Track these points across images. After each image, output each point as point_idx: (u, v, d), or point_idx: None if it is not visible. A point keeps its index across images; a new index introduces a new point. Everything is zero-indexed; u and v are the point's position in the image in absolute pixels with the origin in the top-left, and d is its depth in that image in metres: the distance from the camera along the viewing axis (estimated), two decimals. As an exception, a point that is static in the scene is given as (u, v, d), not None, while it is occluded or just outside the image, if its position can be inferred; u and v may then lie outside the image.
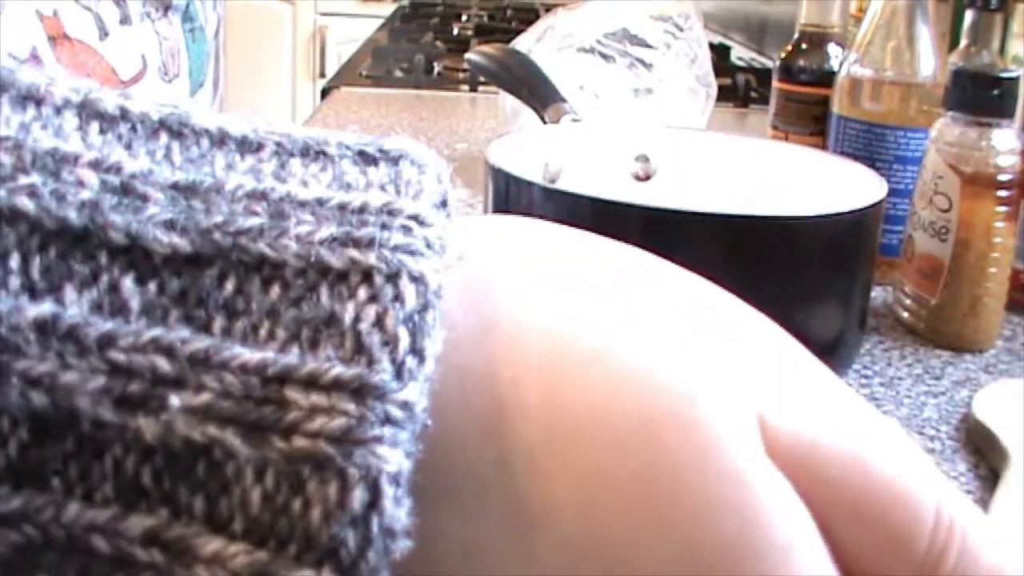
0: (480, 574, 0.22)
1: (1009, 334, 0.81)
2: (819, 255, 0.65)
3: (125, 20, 0.65)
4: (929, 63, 0.88)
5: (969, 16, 0.87)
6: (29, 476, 0.20)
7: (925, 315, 0.79)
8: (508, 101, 1.17)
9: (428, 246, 0.22)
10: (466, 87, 1.73)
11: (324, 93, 1.71)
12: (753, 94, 1.73)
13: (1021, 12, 0.93)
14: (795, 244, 0.64)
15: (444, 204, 0.24)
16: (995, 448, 0.62)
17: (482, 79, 1.59)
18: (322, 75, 4.61)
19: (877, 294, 0.86)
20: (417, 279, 0.21)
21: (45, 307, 0.20)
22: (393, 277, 0.21)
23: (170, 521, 0.20)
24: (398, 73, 1.84)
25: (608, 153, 0.81)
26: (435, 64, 1.87)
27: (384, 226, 0.22)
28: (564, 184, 0.75)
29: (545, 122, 0.91)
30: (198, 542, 0.20)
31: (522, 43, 1.20)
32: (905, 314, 0.81)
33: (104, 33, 0.62)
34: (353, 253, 0.21)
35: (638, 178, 0.81)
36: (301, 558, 0.20)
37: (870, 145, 0.89)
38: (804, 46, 1.03)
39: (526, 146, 0.76)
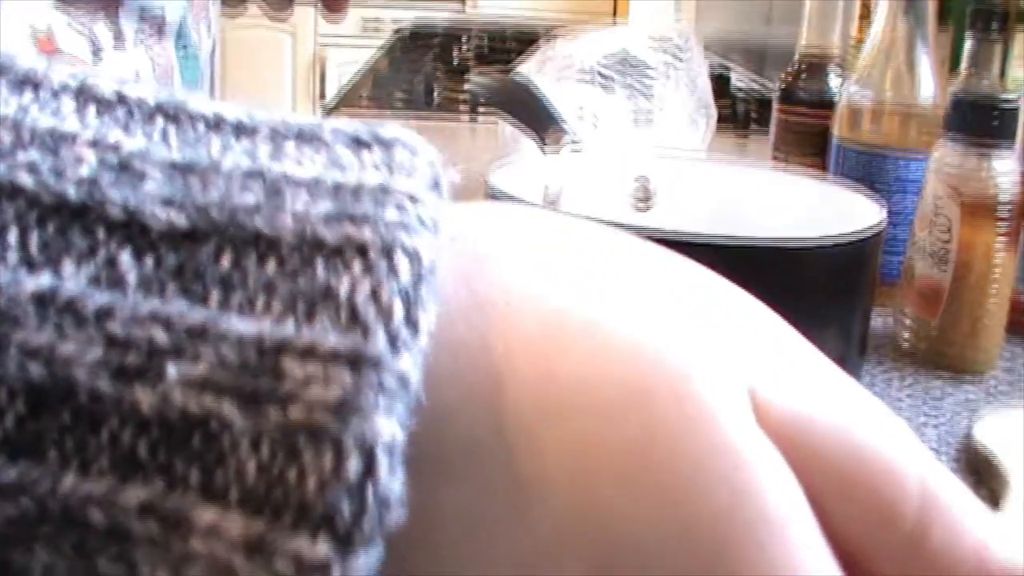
0: (479, 549, 0.22)
1: (1009, 357, 0.81)
2: (819, 280, 0.64)
3: (119, 44, 0.65)
4: (929, 89, 0.88)
5: (969, 42, 0.88)
6: (26, 448, 0.20)
7: (925, 339, 0.79)
8: (508, 128, 1.17)
9: (421, 223, 0.22)
10: (466, 116, 1.74)
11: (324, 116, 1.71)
12: (753, 120, 1.73)
13: (1021, 38, 0.93)
14: (795, 269, 0.64)
15: (437, 187, 0.24)
16: (995, 473, 0.62)
17: (482, 107, 1.59)
18: (322, 98, 4.62)
19: (877, 319, 0.86)
20: (411, 254, 0.21)
21: (43, 280, 0.20)
22: (387, 251, 0.21)
23: (166, 492, 0.20)
24: (398, 97, 1.84)
25: (608, 179, 0.81)
26: (435, 89, 1.88)
27: (378, 203, 0.22)
28: (564, 210, 0.75)
29: (545, 149, 0.91)
30: (194, 513, 0.20)
31: (522, 72, 1.20)
32: (905, 338, 0.81)
33: (98, 58, 0.62)
34: (348, 229, 0.21)
35: (638, 204, 0.81)
36: (297, 527, 0.20)
37: (870, 170, 0.89)
38: (804, 72, 1.04)
39: (526, 172, 0.76)
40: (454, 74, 2.05)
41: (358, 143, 0.24)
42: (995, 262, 0.76)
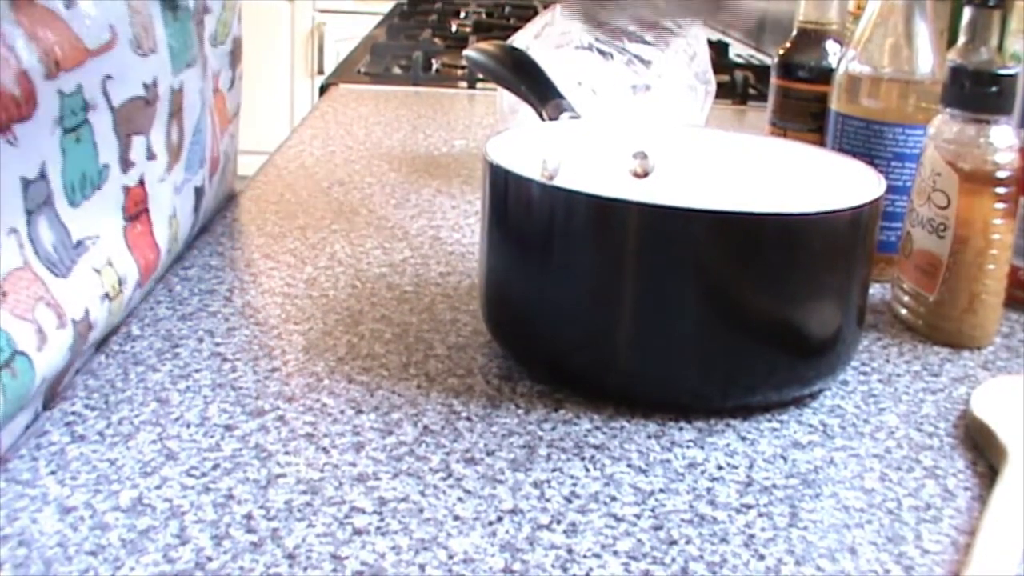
0: None
1: (1007, 331, 0.81)
2: (817, 252, 0.64)
3: None
4: (927, 60, 0.88)
5: (967, 13, 0.87)
6: None
7: (923, 312, 0.79)
8: (506, 98, 1.17)
9: None
10: (464, 84, 1.73)
11: (322, 90, 1.71)
12: (751, 91, 1.73)
13: (1019, 9, 0.93)
14: (793, 241, 0.64)
15: None
16: (993, 445, 0.62)
17: (480, 76, 1.59)
18: (320, 72, 4.61)
19: (875, 291, 0.86)
20: None
21: None
22: None
23: None
24: (396, 70, 1.83)
25: (606, 150, 0.81)
26: (433, 61, 1.87)
27: None
28: (562, 181, 0.75)
29: (543, 119, 0.91)
30: None
31: (520, 40, 1.20)
32: (903, 311, 0.81)
33: (70, 1, 0.62)
34: None
35: (636, 175, 0.81)
36: None
37: (868, 142, 0.89)
38: (802, 43, 1.03)
39: (524, 143, 0.76)
40: (453, 45, 2.05)
41: None
42: (993, 235, 0.76)
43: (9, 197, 0.58)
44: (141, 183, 0.72)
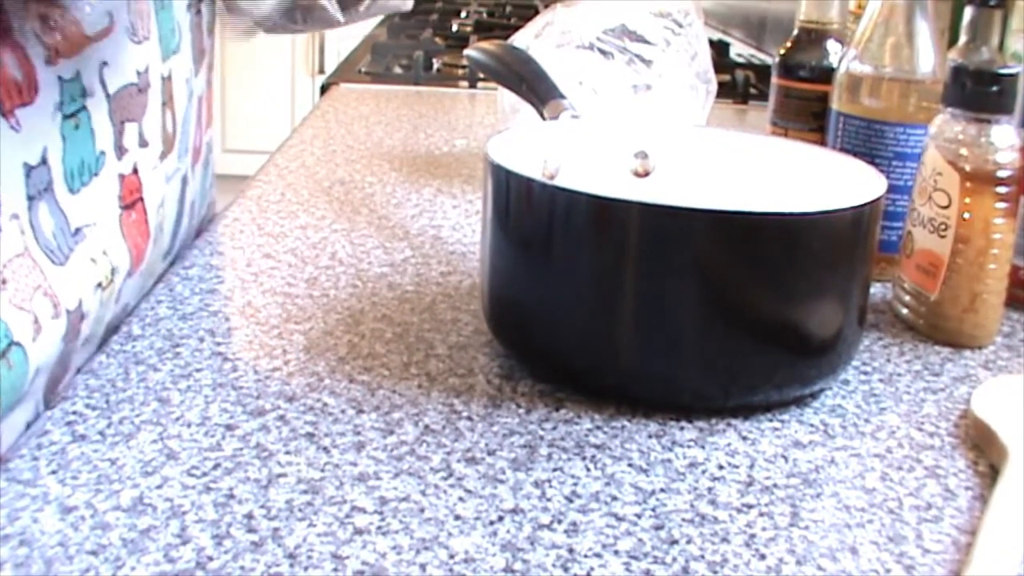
0: None
1: (1008, 331, 0.81)
2: (818, 251, 0.64)
3: None
4: (928, 59, 0.88)
5: (968, 12, 0.87)
6: None
7: (924, 311, 0.79)
8: (507, 97, 1.16)
9: None
10: (465, 83, 1.73)
11: (323, 89, 1.71)
12: (752, 90, 1.73)
13: (1020, 8, 0.93)
14: (794, 241, 0.64)
15: None
16: (994, 444, 0.62)
17: (481, 75, 1.59)
18: (321, 71, 4.60)
19: (876, 291, 0.86)
20: None
21: None
22: None
23: None
24: (397, 70, 1.84)
25: (607, 149, 0.81)
26: (434, 60, 1.87)
27: None
28: (563, 180, 0.75)
29: (544, 118, 0.91)
30: None
31: (520, 39, 1.20)
32: (904, 310, 0.81)
33: None
34: None
35: (637, 174, 0.81)
36: None
37: (869, 141, 0.89)
38: (803, 43, 1.03)
39: (525, 142, 0.76)
40: (453, 45, 2.05)
41: None
42: (994, 234, 0.76)
43: (12, 182, 0.58)
44: (135, 171, 0.72)
